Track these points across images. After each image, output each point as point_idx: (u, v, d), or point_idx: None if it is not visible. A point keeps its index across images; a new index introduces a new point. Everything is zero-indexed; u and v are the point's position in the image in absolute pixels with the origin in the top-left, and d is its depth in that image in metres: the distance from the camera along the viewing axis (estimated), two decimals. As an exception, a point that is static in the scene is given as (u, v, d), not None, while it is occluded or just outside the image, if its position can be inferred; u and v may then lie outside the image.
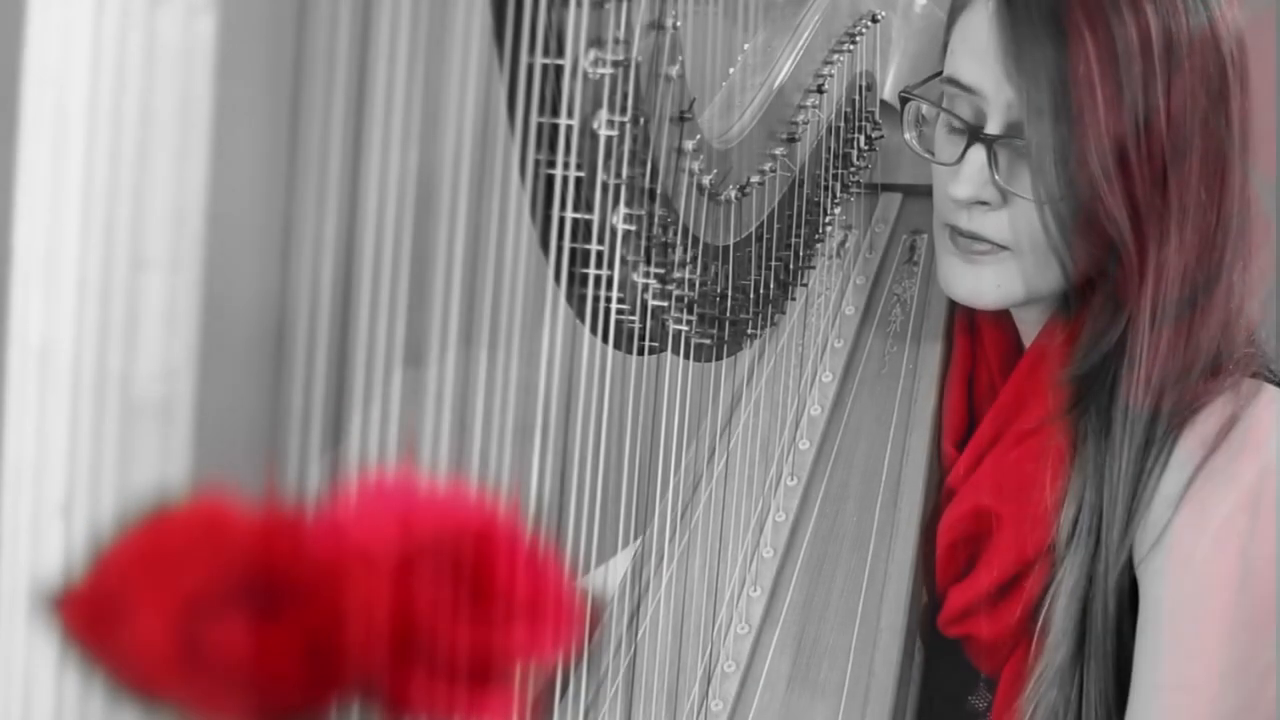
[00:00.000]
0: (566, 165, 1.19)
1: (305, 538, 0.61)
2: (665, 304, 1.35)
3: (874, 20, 1.67)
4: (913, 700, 1.46)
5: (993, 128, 1.42)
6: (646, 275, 1.32)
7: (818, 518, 1.56)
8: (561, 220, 1.22)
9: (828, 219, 1.64)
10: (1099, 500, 1.40)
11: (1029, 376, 1.50)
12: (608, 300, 1.28)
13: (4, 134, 0.74)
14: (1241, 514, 1.38)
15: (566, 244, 1.23)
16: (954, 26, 1.48)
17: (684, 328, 1.39)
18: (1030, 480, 1.45)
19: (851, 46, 1.63)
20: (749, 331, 1.53)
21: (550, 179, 1.19)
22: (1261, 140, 1.45)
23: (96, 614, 0.59)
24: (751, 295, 1.51)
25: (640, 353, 1.36)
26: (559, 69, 1.17)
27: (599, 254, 1.25)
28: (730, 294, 1.47)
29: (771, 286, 1.54)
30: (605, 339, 1.30)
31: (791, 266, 1.58)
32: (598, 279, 1.26)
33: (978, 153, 1.43)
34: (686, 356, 1.43)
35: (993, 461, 1.49)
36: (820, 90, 1.58)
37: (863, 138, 1.67)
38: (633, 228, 1.28)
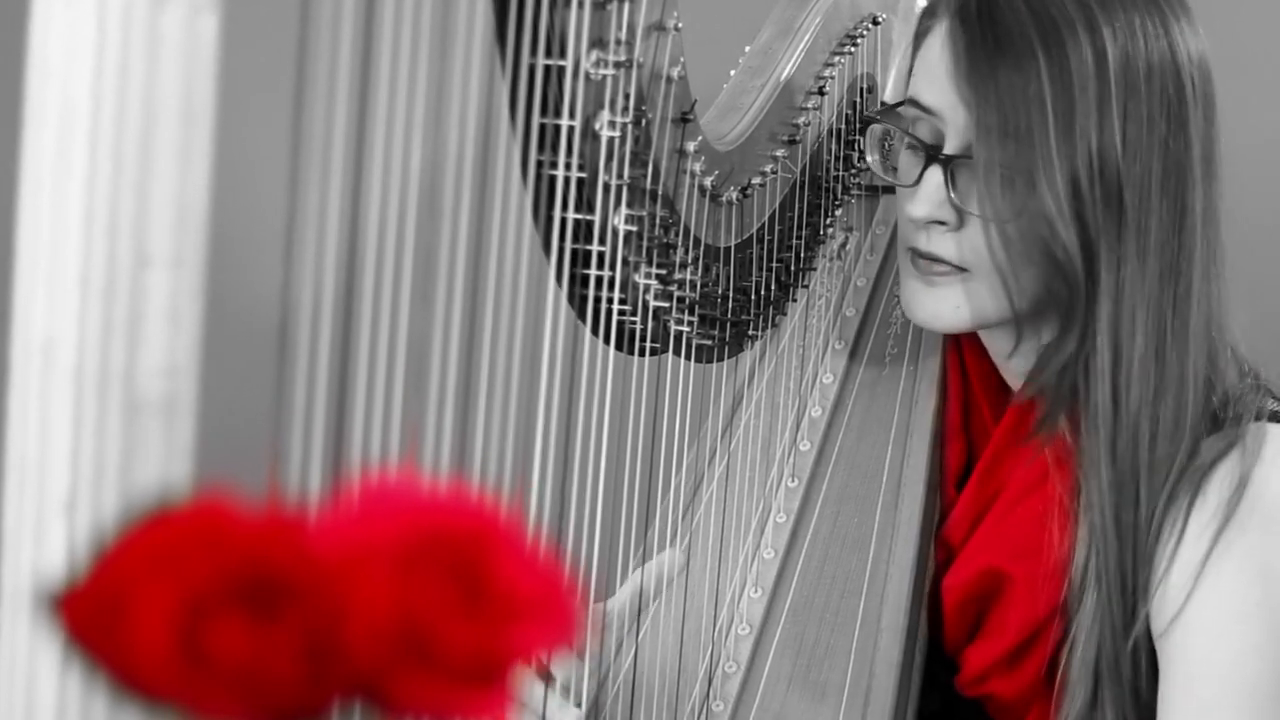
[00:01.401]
0: (568, 166, 1.19)
1: (307, 537, 0.61)
2: (666, 305, 1.35)
3: (875, 23, 1.67)
4: (913, 699, 1.46)
5: (949, 148, 1.42)
6: (648, 276, 1.32)
7: (818, 519, 1.56)
8: (563, 221, 1.22)
9: (829, 221, 1.64)
10: (1103, 551, 1.39)
11: (1014, 432, 1.48)
12: (609, 301, 1.29)
13: (8, 132, 0.74)
14: (1258, 586, 1.37)
15: (568, 245, 1.23)
16: (917, 50, 1.48)
17: (685, 329, 1.39)
18: (1039, 537, 1.43)
19: (852, 49, 1.63)
20: (750, 333, 1.53)
21: (552, 180, 1.19)
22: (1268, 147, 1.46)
23: (96, 613, 0.59)
24: (753, 297, 1.51)
25: (641, 354, 1.36)
26: (561, 70, 1.17)
27: (600, 255, 1.25)
28: (731, 295, 1.47)
29: (773, 288, 1.54)
30: (606, 340, 1.30)
31: (793, 268, 1.58)
32: (599, 280, 1.26)
33: (935, 173, 1.42)
34: (688, 358, 1.43)
35: (996, 520, 1.48)
36: (821, 92, 1.58)
37: (864, 140, 1.67)
38: (634, 229, 1.28)
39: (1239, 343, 1.45)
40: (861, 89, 1.67)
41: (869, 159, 1.52)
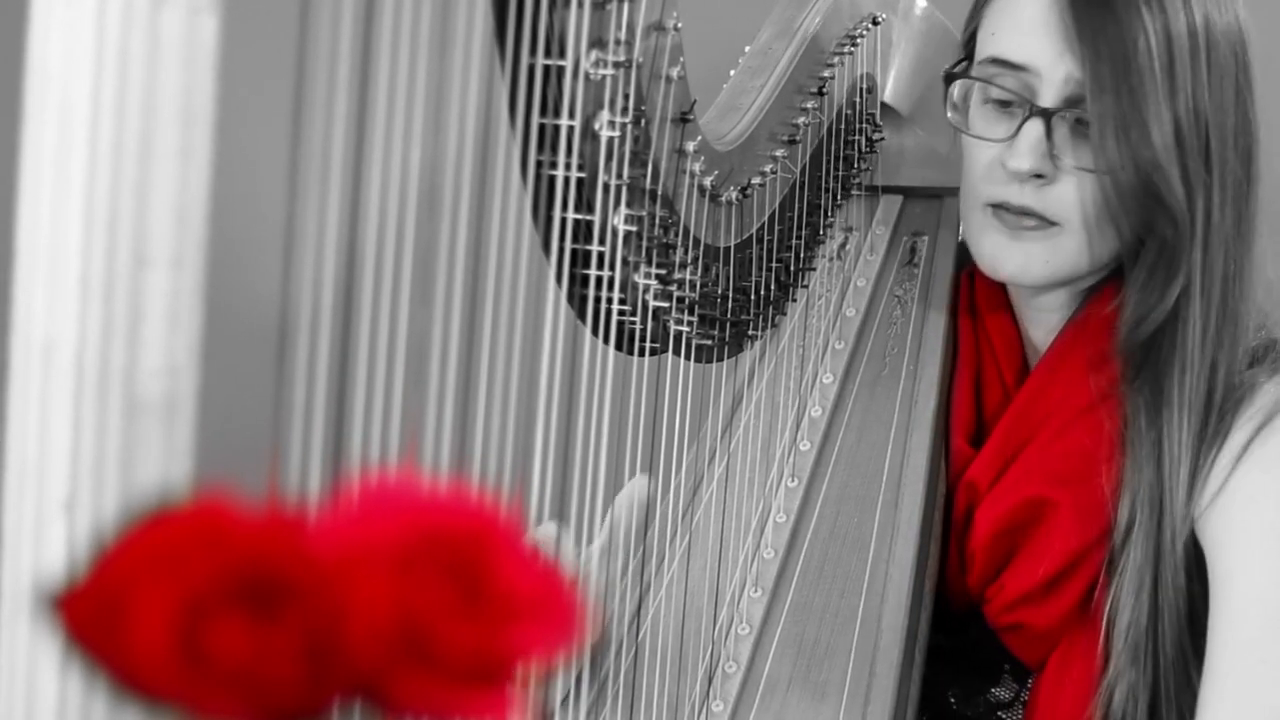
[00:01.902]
0: (568, 166, 1.19)
1: (307, 537, 0.61)
2: (666, 305, 1.35)
3: (874, 22, 1.67)
4: (914, 699, 1.46)
5: (1047, 101, 1.45)
6: (647, 276, 1.32)
7: (818, 519, 1.56)
8: (563, 221, 1.22)
9: (828, 221, 1.65)
10: (1158, 478, 1.43)
11: (1060, 365, 1.52)
12: (609, 301, 1.29)
13: (7, 132, 0.74)
14: None
15: (568, 245, 1.23)
16: (986, 12, 1.51)
17: (685, 329, 1.39)
18: (1086, 466, 1.47)
19: (852, 49, 1.63)
20: (750, 333, 1.53)
21: (551, 180, 1.19)
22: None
23: (96, 613, 0.59)
24: (752, 296, 1.51)
25: (641, 354, 1.36)
26: (560, 70, 1.17)
27: (600, 255, 1.25)
28: (731, 295, 1.47)
29: (772, 288, 1.54)
30: (606, 340, 1.30)
31: (792, 268, 1.58)
32: (599, 280, 1.26)
33: (1035, 126, 1.46)
34: (687, 358, 1.43)
35: (1038, 450, 1.51)
36: (821, 92, 1.58)
37: (863, 140, 1.67)
38: (634, 229, 1.28)
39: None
40: (862, 89, 1.67)
41: (950, 116, 1.54)
